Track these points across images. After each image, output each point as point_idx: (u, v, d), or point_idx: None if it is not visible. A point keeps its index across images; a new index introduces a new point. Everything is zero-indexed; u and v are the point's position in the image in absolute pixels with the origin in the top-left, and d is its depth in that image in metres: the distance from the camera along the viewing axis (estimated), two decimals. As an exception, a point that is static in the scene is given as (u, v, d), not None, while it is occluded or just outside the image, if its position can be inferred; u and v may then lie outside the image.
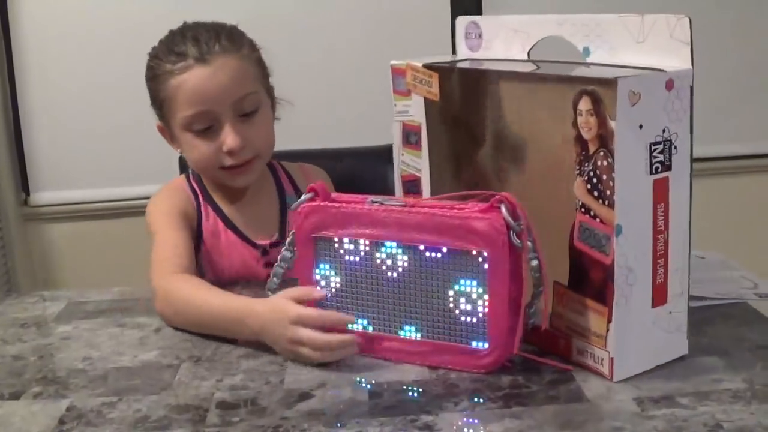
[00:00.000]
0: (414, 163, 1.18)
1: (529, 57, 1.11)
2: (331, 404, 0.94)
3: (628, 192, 0.92)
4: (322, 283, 1.06)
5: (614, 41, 1.00)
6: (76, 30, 2.30)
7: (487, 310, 0.98)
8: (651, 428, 0.85)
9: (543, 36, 1.09)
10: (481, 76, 1.08)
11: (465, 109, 1.10)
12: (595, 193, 0.93)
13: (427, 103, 1.13)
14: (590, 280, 0.96)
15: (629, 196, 0.92)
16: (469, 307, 0.99)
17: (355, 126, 2.23)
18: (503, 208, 0.95)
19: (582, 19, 1.03)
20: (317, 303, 1.06)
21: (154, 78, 1.34)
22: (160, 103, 1.35)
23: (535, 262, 0.96)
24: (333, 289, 1.06)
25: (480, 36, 1.18)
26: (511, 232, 0.95)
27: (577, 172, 0.95)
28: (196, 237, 1.39)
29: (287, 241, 1.10)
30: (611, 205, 0.92)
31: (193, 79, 1.29)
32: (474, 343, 1.00)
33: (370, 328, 1.05)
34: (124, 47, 2.23)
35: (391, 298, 1.03)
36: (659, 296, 0.97)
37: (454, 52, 1.23)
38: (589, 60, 1.03)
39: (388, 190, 1.25)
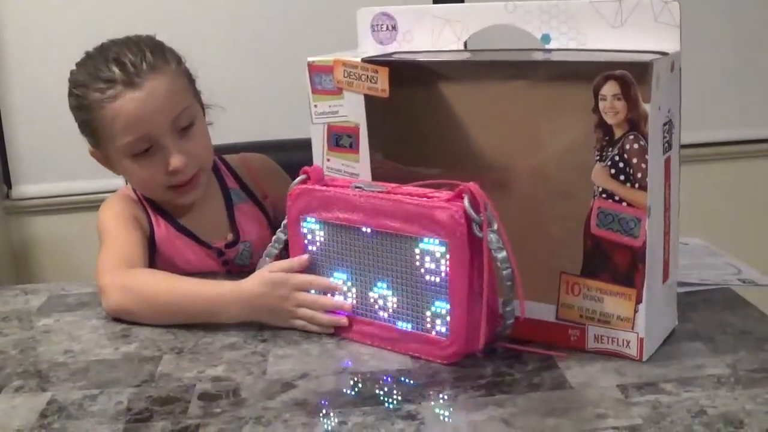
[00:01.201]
0: (346, 168, 1.11)
1: (465, 47, 1.08)
2: (314, 394, 0.93)
3: (654, 173, 0.93)
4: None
5: (583, 27, 1.00)
6: (57, 24, 2.28)
7: (449, 300, 0.98)
8: (635, 415, 0.85)
9: (485, 25, 1.06)
10: (453, 68, 1.04)
11: (424, 106, 1.05)
12: (621, 177, 0.93)
13: (369, 101, 1.07)
14: (613, 265, 0.96)
15: (655, 177, 0.94)
16: (435, 295, 0.99)
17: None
18: (465, 199, 0.95)
19: (540, 5, 1.02)
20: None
21: (82, 108, 1.28)
22: (92, 131, 1.30)
23: (502, 254, 0.95)
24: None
25: (394, 27, 1.12)
26: (474, 223, 0.95)
27: (597, 158, 0.94)
28: (150, 245, 1.36)
29: (283, 223, 1.12)
30: (643, 188, 0.92)
31: (127, 107, 1.24)
32: (435, 333, 1.00)
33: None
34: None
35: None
36: (666, 272, 1.00)
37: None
38: (549, 47, 1.02)
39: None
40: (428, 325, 1.00)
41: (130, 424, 0.89)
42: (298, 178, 1.09)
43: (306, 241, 1.09)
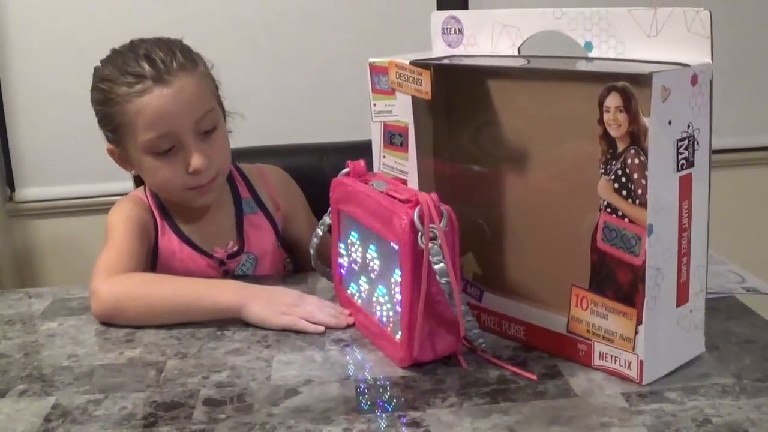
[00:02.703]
0: (398, 165, 1.14)
1: (519, 53, 1.08)
2: (318, 401, 0.93)
3: (658, 190, 0.90)
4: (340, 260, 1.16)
5: (621, 35, 0.97)
6: (61, 26, 2.28)
7: (400, 304, 0.99)
8: (639, 423, 0.85)
9: (537, 30, 1.06)
10: (484, 73, 1.05)
11: (462, 109, 1.08)
12: (624, 193, 0.91)
13: (416, 102, 1.09)
14: (617, 282, 0.94)
15: (660, 195, 0.90)
16: (394, 298, 1.02)
17: (339, 122, 2.23)
18: (416, 210, 0.94)
19: (583, 12, 1.00)
20: None
21: (107, 102, 1.29)
22: (114, 127, 1.30)
23: (440, 266, 0.94)
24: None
25: (460, 31, 1.14)
26: (419, 233, 0.94)
27: (602, 171, 0.92)
28: (153, 252, 1.37)
29: (329, 209, 1.17)
30: (643, 205, 0.89)
31: (153, 102, 1.25)
32: (395, 335, 1.02)
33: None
34: (109, 44, 2.22)
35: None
36: (682, 295, 0.95)
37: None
38: (591, 55, 1.00)
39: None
40: (390, 327, 1.03)
41: (135, 429, 0.89)
42: (343, 171, 1.13)
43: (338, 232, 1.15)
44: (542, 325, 1.02)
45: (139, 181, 1.46)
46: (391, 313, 1.03)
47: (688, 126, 0.91)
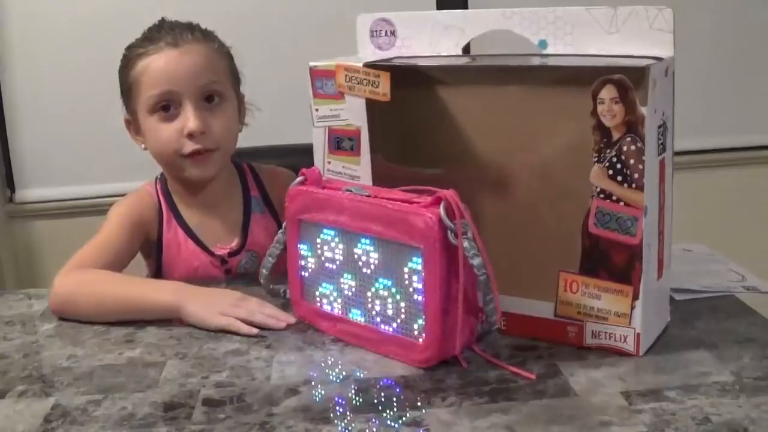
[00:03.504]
0: (348, 170, 1.13)
1: (464, 53, 1.10)
2: (318, 401, 0.93)
3: (650, 174, 0.96)
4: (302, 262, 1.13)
5: (578, 33, 1.02)
6: (62, 27, 2.28)
7: (423, 304, 0.99)
8: (639, 422, 0.85)
9: (483, 30, 1.08)
10: (452, 73, 1.06)
11: (424, 109, 1.07)
12: (619, 178, 0.96)
13: (370, 105, 1.08)
14: (611, 263, 0.99)
15: (651, 178, 0.96)
16: (410, 298, 1.00)
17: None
18: (441, 206, 0.95)
19: (536, 12, 1.04)
20: None
21: (125, 66, 1.35)
22: (127, 89, 1.35)
23: (477, 260, 0.95)
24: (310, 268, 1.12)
25: (393, 33, 1.14)
26: (448, 231, 0.95)
27: (595, 159, 0.97)
28: (157, 245, 1.39)
29: (284, 225, 1.14)
30: (640, 188, 0.95)
31: (162, 59, 1.30)
32: (411, 337, 1.01)
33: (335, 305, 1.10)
34: (110, 45, 2.21)
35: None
36: (660, 269, 1.03)
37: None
38: (546, 52, 1.04)
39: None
40: (405, 329, 1.01)
41: (134, 429, 0.89)
42: (297, 180, 1.11)
43: (300, 246, 1.12)
44: (525, 313, 1.05)
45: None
46: (401, 317, 1.01)
47: (663, 113, 0.98)
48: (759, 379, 0.93)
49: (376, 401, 0.93)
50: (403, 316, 1.01)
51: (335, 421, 0.89)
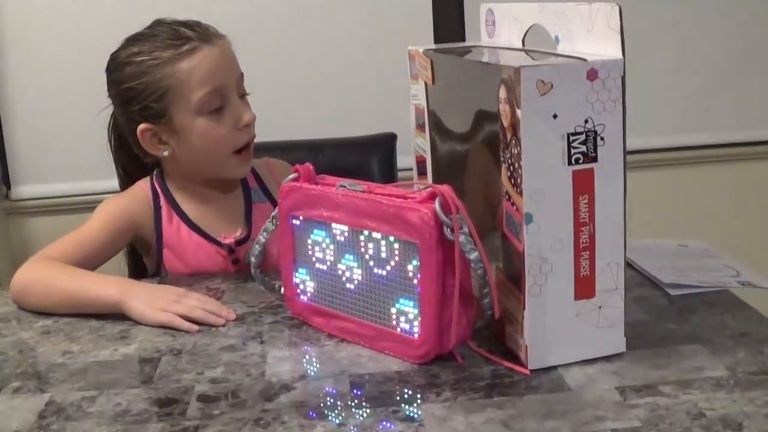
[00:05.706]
0: (423, 144, 1.22)
1: (523, 45, 1.13)
2: (313, 396, 0.93)
3: (538, 181, 0.91)
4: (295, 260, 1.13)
5: (571, 29, 1.00)
6: (57, 24, 2.28)
7: (419, 300, 0.99)
8: (633, 417, 0.85)
9: (530, 24, 1.10)
10: (454, 63, 1.10)
11: (448, 95, 1.12)
12: (512, 181, 0.93)
13: (426, 87, 1.17)
14: (513, 266, 0.96)
15: (541, 186, 0.91)
16: (406, 294, 1.00)
17: (335, 118, 2.23)
18: (436, 202, 0.95)
19: (554, 7, 1.03)
20: None
21: (148, 71, 1.29)
22: (162, 93, 1.30)
23: (474, 255, 0.95)
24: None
25: (493, 23, 1.19)
26: (444, 226, 0.95)
27: (502, 159, 0.95)
28: (157, 242, 1.38)
29: (272, 214, 1.14)
30: (520, 193, 0.92)
31: (207, 58, 1.30)
32: (406, 332, 1.01)
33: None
34: (106, 41, 2.22)
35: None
36: (584, 290, 0.95)
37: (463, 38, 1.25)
38: (558, 49, 1.03)
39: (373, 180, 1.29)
40: (400, 325, 1.01)
41: (129, 425, 0.89)
42: (290, 176, 1.11)
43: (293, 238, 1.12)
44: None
45: (124, 185, 1.47)
46: (394, 313, 1.02)
47: (586, 121, 0.91)
48: (753, 374, 0.93)
49: (371, 396, 0.93)
50: (390, 312, 1.02)
51: (330, 417, 0.89)
